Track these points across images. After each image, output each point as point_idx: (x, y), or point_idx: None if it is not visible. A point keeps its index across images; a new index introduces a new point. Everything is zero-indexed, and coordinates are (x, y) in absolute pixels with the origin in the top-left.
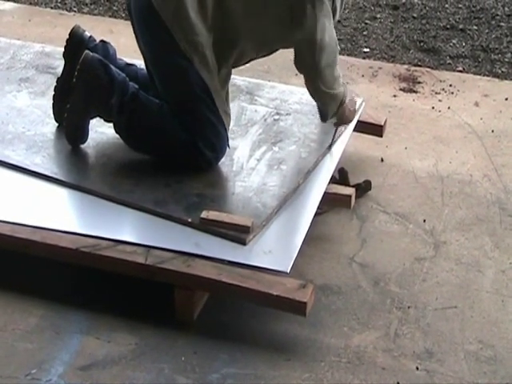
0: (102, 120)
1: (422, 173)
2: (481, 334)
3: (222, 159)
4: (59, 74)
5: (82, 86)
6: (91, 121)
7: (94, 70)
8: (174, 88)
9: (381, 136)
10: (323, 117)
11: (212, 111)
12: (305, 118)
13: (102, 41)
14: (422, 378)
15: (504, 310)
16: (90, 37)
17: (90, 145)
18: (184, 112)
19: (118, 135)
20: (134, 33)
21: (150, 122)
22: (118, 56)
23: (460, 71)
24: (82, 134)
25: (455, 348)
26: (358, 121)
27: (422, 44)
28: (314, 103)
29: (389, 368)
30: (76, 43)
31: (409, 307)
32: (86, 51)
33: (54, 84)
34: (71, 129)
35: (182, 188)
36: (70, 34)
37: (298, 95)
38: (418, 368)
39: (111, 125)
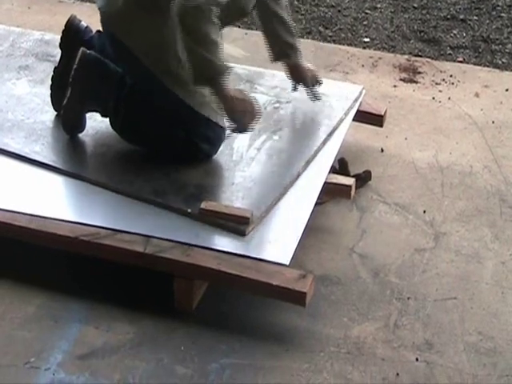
0: None
1: (422, 164)
2: (480, 326)
3: (222, 148)
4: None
5: (79, 85)
6: None
7: (91, 69)
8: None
9: (381, 126)
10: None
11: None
12: (305, 106)
13: (98, 31)
14: (422, 369)
15: (504, 301)
16: (87, 27)
17: (89, 134)
18: (174, 111)
19: None
20: None
21: (145, 119)
22: None
23: (460, 62)
24: (80, 126)
25: (455, 339)
26: (358, 110)
27: (422, 34)
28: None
29: (388, 359)
30: (72, 34)
31: (408, 298)
32: (83, 49)
33: (52, 73)
34: (68, 124)
35: (181, 178)
36: (65, 25)
37: None
38: (417, 359)
39: None
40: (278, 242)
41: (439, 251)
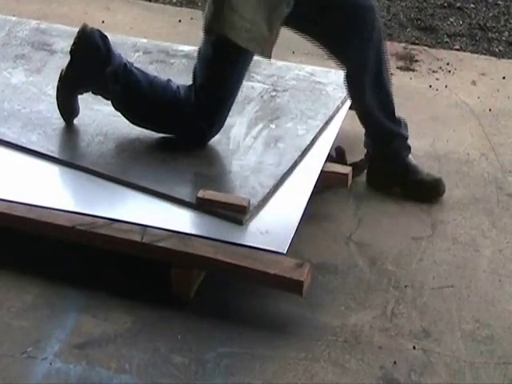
0: (97, 97)
1: (419, 152)
2: (477, 314)
3: (219, 137)
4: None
5: (81, 59)
6: (87, 98)
7: (93, 42)
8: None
9: None
10: None
11: None
12: (302, 94)
13: None
14: (419, 357)
15: (501, 289)
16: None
17: (85, 122)
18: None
19: (113, 112)
20: None
21: (143, 91)
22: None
23: (457, 50)
24: (77, 110)
25: (452, 327)
26: None
27: (419, 22)
28: (312, 79)
29: (385, 347)
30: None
31: (406, 286)
32: (84, 23)
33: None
34: (66, 103)
35: (178, 167)
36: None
37: (294, 71)
38: (414, 347)
39: (107, 103)
40: (275, 230)
41: (436, 239)
